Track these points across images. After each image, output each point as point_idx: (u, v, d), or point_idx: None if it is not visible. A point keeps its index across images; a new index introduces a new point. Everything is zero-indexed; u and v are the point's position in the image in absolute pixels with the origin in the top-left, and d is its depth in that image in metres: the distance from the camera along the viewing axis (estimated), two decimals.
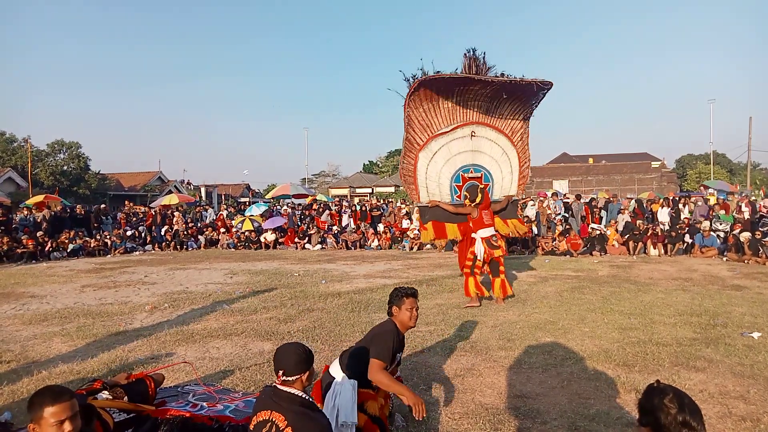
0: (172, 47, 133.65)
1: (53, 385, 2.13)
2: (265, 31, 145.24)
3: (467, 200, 7.54)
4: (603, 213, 16.33)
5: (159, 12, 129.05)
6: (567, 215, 16.31)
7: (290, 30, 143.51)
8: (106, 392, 2.90)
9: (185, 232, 18.55)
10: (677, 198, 16.99)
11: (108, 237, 17.25)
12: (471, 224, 7.43)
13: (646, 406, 1.72)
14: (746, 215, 14.60)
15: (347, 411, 2.88)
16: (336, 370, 3.15)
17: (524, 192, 8.81)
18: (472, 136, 7.68)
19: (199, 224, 19.83)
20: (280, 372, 2.27)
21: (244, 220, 19.23)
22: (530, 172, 8.57)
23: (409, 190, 7.87)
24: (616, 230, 14.77)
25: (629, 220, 15.19)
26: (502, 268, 7.36)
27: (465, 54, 7.12)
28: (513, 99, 7.68)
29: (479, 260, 7.27)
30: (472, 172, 7.74)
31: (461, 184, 7.74)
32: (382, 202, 22.32)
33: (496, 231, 7.52)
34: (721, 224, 14.02)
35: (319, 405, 3.04)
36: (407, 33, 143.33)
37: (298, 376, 2.27)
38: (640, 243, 13.95)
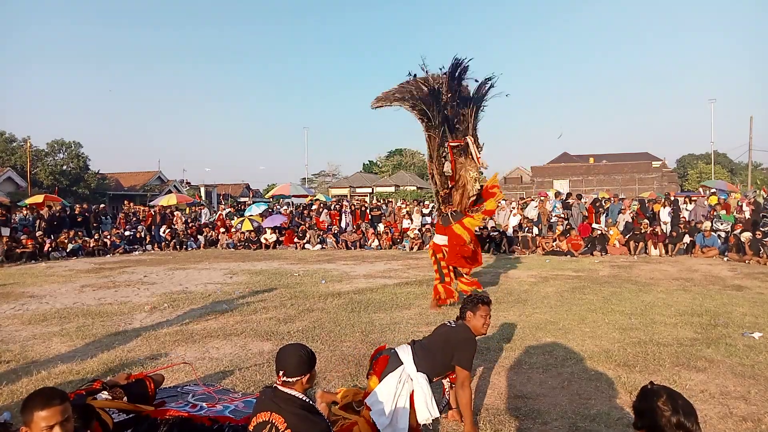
0: (173, 48, 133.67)
1: (47, 388, 2.10)
2: (266, 31, 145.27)
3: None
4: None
5: (160, 14, 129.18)
6: (566, 215, 16.27)
7: (291, 30, 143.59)
8: (105, 392, 2.89)
9: (185, 232, 18.54)
10: (677, 198, 16.98)
11: (107, 237, 17.24)
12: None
13: (641, 409, 1.72)
14: (747, 215, 14.59)
15: (429, 405, 2.98)
16: (407, 358, 3.16)
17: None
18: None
19: (194, 224, 19.74)
20: (281, 372, 2.26)
21: (243, 220, 19.22)
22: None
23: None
24: (618, 230, 14.76)
25: (629, 220, 15.18)
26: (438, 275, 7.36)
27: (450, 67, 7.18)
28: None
29: (444, 265, 7.28)
30: None
31: None
32: (381, 202, 22.28)
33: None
34: (722, 224, 14.02)
35: (375, 377, 3.11)
36: (409, 33, 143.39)
37: (299, 378, 2.26)
38: (641, 243, 13.94)
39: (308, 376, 2.29)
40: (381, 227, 17.71)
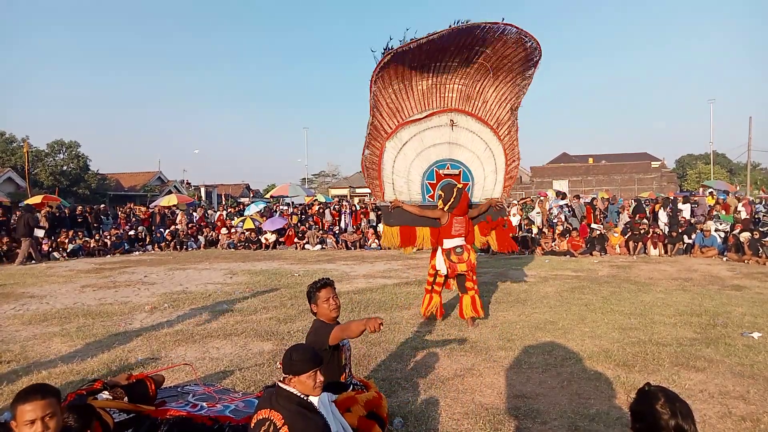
0: (173, 48, 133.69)
1: (37, 384, 2.10)
2: (265, 31, 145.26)
3: (441, 201, 6.23)
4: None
5: (160, 15, 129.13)
6: (568, 215, 16.29)
7: (291, 30, 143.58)
8: (106, 392, 2.90)
9: (185, 232, 18.53)
10: (677, 198, 17.00)
11: (108, 237, 17.24)
12: (438, 232, 6.33)
13: (638, 411, 1.72)
14: (743, 215, 14.61)
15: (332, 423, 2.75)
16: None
17: (509, 195, 7.18)
18: (451, 125, 6.43)
19: (193, 225, 19.53)
20: (286, 371, 2.29)
21: (245, 219, 19.20)
22: (518, 173, 7.20)
23: (372, 186, 6.51)
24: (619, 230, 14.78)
25: (628, 220, 15.19)
26: (469, 284, 6.15)
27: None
28: (499, 75, 6.32)
29: (441, 276, 6.28)
30: (448, 168, 6.57)
31: (435, 182, 6.52)
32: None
33: (465, 243, 6.27)
34: (721, 224, 14.02)
35: None
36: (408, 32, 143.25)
37: (300, 377, 2.28)
38: (640, 243, 13.95)
39: (309, 375, 2.31)
40: (380, 227, 17.68)
